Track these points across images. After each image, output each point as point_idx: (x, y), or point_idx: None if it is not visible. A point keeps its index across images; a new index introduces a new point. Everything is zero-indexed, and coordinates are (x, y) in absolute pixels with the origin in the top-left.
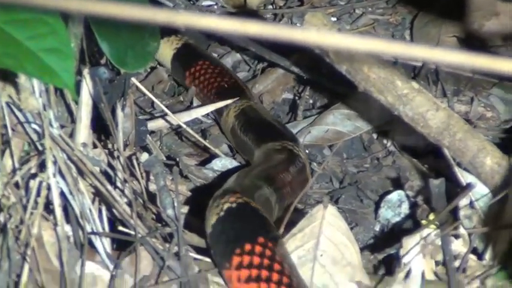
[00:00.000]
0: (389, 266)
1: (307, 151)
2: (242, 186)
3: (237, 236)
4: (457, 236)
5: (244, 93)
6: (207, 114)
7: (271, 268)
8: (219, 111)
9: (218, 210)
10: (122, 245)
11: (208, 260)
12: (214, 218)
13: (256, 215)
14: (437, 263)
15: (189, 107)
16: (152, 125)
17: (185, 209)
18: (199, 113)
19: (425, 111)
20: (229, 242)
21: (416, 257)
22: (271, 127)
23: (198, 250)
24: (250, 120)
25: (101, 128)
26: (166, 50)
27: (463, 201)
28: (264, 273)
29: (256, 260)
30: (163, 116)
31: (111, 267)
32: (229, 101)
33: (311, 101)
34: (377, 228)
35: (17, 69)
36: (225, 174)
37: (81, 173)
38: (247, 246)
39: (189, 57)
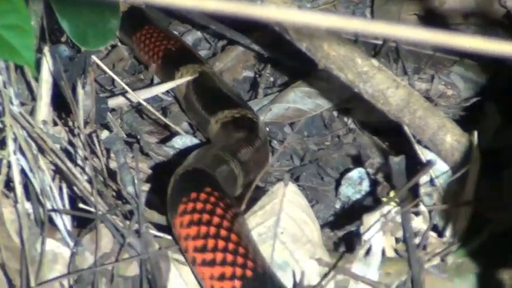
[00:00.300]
0: (350, 243)
1: (267, 129)
2: (202, 163)
3: (186, 188)
4: (417, 213)
5: (194, 57)
6: (168, 92)
7: (213, 212)
8: (170, 77)
9: (175, 177)
10: (83, 223)
11: (169, 237)
12: (171, 184)
13: (210, 177)
14: (397, 240)
15: (150, 85)
16: (112, 102)
17: (146, 187)
18: (159, 89)
19: (386, 89)
20: (178, 195)
21: (377, 234)
22: (226, 94)
23: (159, 227)
24: (204, 86)
25: (62, 106)
26: None
27: (423, 179)
28: (206, 216)
29: (200, 205)
30: (123, 93)
31: (72, 244)
32: (189, 78)
33: (272, 79)
34: (337, 205)
35: None
36: (186, 152)
37: (41, 150)
38: (193, 195)
39: (136, 22)
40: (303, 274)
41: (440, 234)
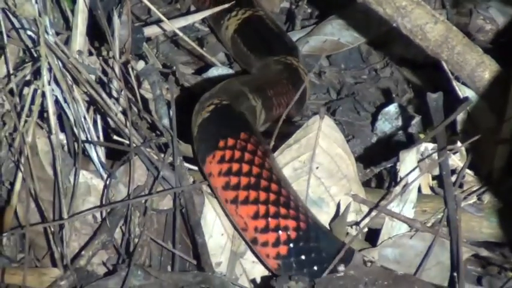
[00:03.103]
0: (382, 178)
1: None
2: (228, 92)
3: (220, 132)
4: (454, 151)
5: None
6: (204, 22)
7: (252, 162)
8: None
9: (204, 112)
10: (117, 155)
11: None
12: (199, 119)
13: (239, 116)
14: (434, 178)
15: (186, 14)
16: (148, 31)
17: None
18: (195, 18)
19: (424, 24)
20: (212, 138)
21: (413, 171)
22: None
23: (193, 161)
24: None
25: (97, 36)
26: None
27: (461, 116)
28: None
29: (238, 154)
30: (159, 22)
31: (105, 176)
32: (226, 5)
33: (309, 11)
34: (373, 140)
35: None
36: (220, 82)
37: (76, 81)
38: (230, 141)
39: None
40: (338, 210)
41: (477, 172)
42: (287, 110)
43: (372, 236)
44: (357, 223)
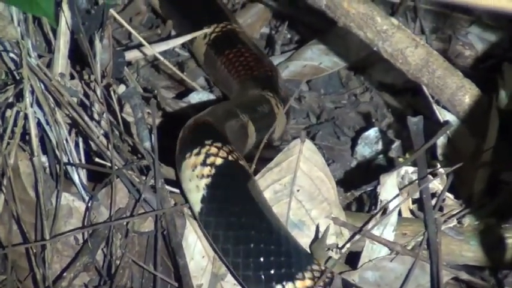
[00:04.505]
0: (363, 202)
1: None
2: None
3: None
4: (434, 174)
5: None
6: (184, 47)
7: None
8: None
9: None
10: (98, 177)
11: None
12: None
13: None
14: (414, 201)
15: (166, 38)
16: (129, 55)
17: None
18: (176, 42)
19: (405, 48)
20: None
21: (393, 194)
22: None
23: (175, 184)
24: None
25: (79, 59)
26: None
27: (441, 140)
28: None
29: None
30: (140, 46)
31: (87, 198)
32: (206, 30)
33: (289, 36)
34: (353, 164)
35: None
36: (202, 107)
37: (58, 103)
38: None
39: None
40: (318, 233)
41: (457, 195)
42: (269, 131)
43: (352, 259)
44: (340, 248)
